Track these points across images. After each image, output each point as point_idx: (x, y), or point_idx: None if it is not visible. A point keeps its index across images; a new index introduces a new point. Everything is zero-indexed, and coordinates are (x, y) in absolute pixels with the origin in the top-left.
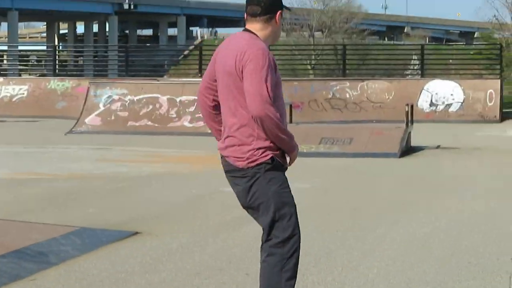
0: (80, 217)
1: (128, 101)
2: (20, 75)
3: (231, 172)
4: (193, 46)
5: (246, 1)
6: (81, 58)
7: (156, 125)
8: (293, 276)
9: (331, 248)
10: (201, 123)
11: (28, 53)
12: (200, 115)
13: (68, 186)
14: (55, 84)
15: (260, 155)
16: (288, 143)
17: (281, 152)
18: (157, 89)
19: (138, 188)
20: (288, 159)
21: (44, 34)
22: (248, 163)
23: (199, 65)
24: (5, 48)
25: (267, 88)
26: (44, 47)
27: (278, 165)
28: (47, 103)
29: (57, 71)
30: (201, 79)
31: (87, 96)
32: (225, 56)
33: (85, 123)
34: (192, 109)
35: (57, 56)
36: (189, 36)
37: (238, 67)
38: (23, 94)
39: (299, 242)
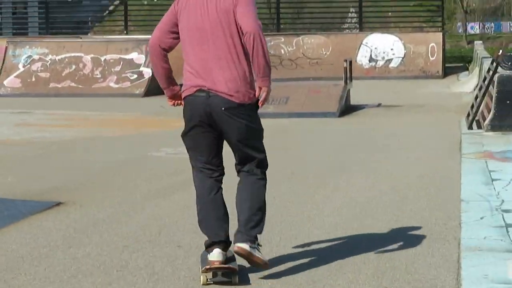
0: None
1: (50, 61)
2: None
3: (231, 109)
4: (118, 2)
5: None
6: None
7: (80, 86)
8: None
9: (267, 216)
10: (127, 84)
11: None
12: (127, 75)
13: None
14: None
15: (254, 91)
16: (269, 71)
17: None
18: (80, 48)
19: (61, 154)
20: (263, 94)
21: None
22: (252, 97)
23: (125, 22)
24: None
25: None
26: None
27: None
28: None
29: None
30: (127, 36)
31: (5, 56)
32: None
33: (4, 85)
34: (117, 68)
35: None
36: None
37: (235, 4)
38: None
39: None
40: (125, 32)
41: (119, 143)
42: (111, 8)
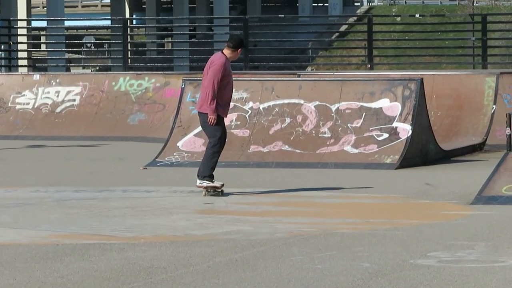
0: None
1: (250, 112)
2: (68, 69)
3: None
4: (354, 18)
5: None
6: (170, 39)
7: (298, 151)
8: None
9: None
10: (373, 148)
11: (82, 32)
12: (372, 134)
13: (152, 257)
14: (126, 83)
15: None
16: (210, 108)
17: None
18: (297, 91)
19: (271, 262)
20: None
21: (107, 0)
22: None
23: (368, 47)
24: (44, 24)
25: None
26: (108, 22)
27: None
28: (113, 115)
29: (129, 62)
30: (372, 73)
31: (181, 103)
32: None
33: (178, 148)
34: (357, 123)
35: (129, 37)
36: (348, 2)
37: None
38: (74, 101)
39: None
40: (368, 66)
41: (361, 243)
42: (343, 28)
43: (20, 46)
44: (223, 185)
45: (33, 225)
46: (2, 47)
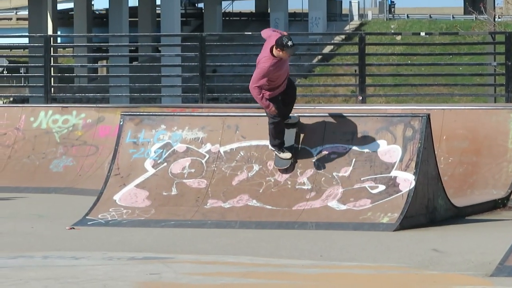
0: None
1: (207, 156)
2: None
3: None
4: (342, 37)
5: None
6: (105, 62)
7: (269, 207)
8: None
9: None
10: (365, 203)
11: None
12: (364, 185)
13: None
14: (49, 119)
15: None
16: (261, 104)
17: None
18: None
19: None
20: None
21: (25, 12)
22: None
23: (360, 74)
24: None
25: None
26: (25, 40)
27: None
28: (31, 160)
29: (52, 91)
30: (366, 107)
31: (118, 144)
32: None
33: (115, 203)
34: (346, 172)
35: (52, 60)
36: (334, 15)
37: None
38: None
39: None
40: (359, 98)
41: None
42: (328, 49)
43: None
44: (292, 157)
45: None
46: None
